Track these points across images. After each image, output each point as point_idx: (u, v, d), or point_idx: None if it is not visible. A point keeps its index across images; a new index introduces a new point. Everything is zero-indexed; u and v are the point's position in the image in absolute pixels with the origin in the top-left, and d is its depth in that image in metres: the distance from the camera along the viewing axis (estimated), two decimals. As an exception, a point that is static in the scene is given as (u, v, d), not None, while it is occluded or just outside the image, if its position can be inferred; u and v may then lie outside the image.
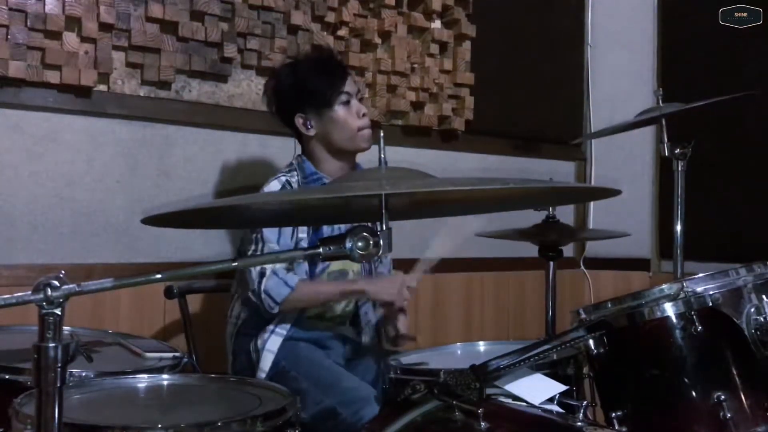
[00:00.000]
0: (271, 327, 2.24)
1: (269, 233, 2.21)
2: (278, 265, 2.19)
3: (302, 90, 2.31)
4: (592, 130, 3.83)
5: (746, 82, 3.28)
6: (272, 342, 2.23)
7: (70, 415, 1.28)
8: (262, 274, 2.17)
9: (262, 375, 2.20)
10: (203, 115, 2.68)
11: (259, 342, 2.24)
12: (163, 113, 2.59)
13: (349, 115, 2.30)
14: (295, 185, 2.29)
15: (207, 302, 2.61)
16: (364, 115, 2.32)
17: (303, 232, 2.25)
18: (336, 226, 2.20)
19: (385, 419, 1.55)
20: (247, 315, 2.30)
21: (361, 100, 2.38)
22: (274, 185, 2.29)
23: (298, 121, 2.33)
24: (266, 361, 2.21)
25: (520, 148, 3.65)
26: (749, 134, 3.40)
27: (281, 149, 2.73)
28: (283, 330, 2.24)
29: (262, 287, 2.17)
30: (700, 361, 1.62)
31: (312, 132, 2.32)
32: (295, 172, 2.32)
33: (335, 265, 2.29)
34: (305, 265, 2.28)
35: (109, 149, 2.52)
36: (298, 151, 2.42)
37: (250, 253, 2.22)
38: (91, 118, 2.48)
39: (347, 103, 2.30)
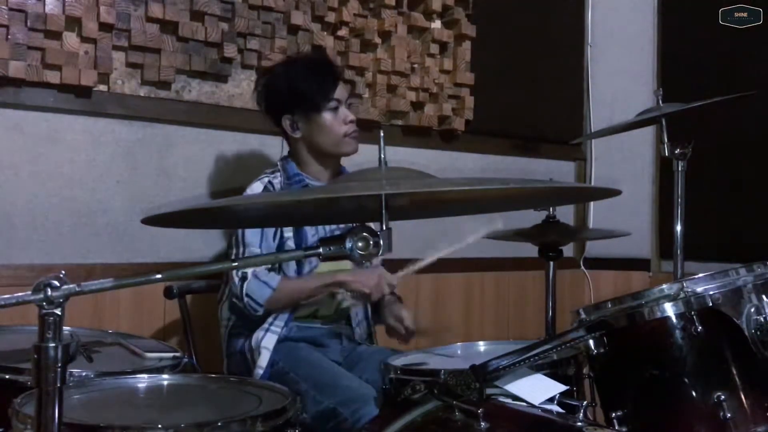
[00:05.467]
0: (265, 326, 2.26)
1: (251, 235, 2.24)
2: (259, 267, 2.21)
3: (292, 93, 2.33)
4: (592, 130, 3.83)
5: (746, 82, 3.28)
6: (268, 339, 2.24)
7: (70, 415, 1.28)
8: (243, 278, 2.20)
9: (260, 372, 2.20)
10: (203, 115, 2.68)
11: (254, 341, 2.25)
12: (163, 113, 2.59)
13: (336, 121, 2.33)
14: (277, 186, 2.33)
15: (207, 302, 2.60)
16: (351, 121, 2.35)
17: (288, 232, 2.28)
18: (320, 226, 2.24)
19: (385, 419, 1.55)
20: (237, 317, 2.32)
21: (350, 106, 2.39)
22: (256, 186, 2.34)
23: (285, 122, 2.36)
24: (263, 359, 2.22)
25: (520, 148, 3.65)
26: (749, 134, 3.40)
27: (281, 149, 2.73)
28: (277, 328, 2.26)
29: (244, 291, 2.20)
30: (700, 361, 1.61)
31: (297, 134, 2.36)
32: (279, 173, 2.37)
33: (324, 266, 2.30)
34: (293, 265, 2.30)
35: (109, 149, 2.52)
36: (285, 151, 2.44)
37: (233, 256, 2.25)
38: (91, 118, 2.48)
39: (335, 109, 2.33)
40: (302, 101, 2.32)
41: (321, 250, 1.16)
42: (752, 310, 1.62)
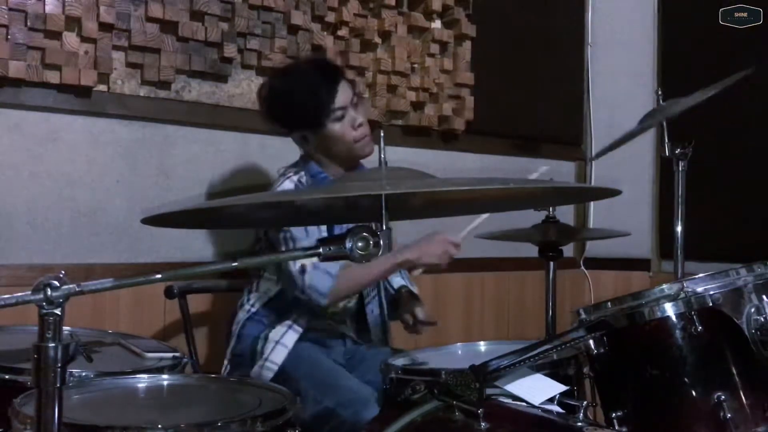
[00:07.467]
0: (288, 322, 2.24)
1: (297, 232, 2.19)
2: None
3: (292, 114, 2.28)
4: (593, 130, 3.83)
5: (746, 82, 3.27)
6: (288, 337, 2.23)
7: (70, 415, 1.28)
8: (302, 271, 2.16)
9: (270, 366, 2.19)
10: (203, 115, 2.68)
11: (272, 333, 2.23)
12: (163, 113, 2.59)
13: (344, 129, 2.26)
14: (306, 185, 2.29)
15: (207, 302, 2.61)
16: (360, 125, 2.28)
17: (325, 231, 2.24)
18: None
19: (385, 419, 1.55)
20: (262, 305, 2.30)
21: (356, 105, 2.30)
22: (287, 185, 2.27)
23: (295, 137, 2.34)
24: (278, 355, 2.20)
25: (520, 148, 3.65)
26: (749, 134, 3.40)
27: (281, 149, 2.72)
28: (299, 327, 2.24)
29: (306, 284, 2.16)
30: (700, 361, 1.61)
31: (310, 146, 2.33)
32: (303, 172, 2.32)
33: None
34: None
35: (109, 149, 2.52)
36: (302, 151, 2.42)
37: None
38: (91, 118, 2.48)
39: (341, 118, 2.26)
40: (304, 121, 2.27)
41: (321, 250, 1.16)
42: (752, 310, 1.62)
